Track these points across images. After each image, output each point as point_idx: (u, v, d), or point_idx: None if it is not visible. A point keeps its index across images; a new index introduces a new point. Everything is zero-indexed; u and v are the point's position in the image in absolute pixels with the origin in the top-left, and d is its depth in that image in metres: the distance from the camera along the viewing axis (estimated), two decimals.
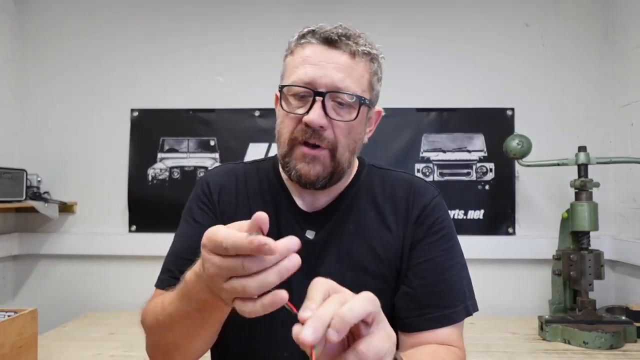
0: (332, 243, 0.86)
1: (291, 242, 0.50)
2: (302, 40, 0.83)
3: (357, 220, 0.88)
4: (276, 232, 0.87)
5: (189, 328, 0.68)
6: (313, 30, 0.83)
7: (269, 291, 0.49)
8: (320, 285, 0.51)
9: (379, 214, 0.89)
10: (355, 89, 0.80)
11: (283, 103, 0.83)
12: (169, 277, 0.85)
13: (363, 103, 0.82)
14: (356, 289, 0.74)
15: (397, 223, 0.88)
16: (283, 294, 0.49)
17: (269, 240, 0.47)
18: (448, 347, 0.81)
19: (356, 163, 0.93)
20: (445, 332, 0.82)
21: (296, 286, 0.83)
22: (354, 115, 0.81)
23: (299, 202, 0.90)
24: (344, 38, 0.81)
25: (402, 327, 0.84)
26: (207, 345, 0.75)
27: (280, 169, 0.92)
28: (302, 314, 0.46)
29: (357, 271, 0.85)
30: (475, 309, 0.87)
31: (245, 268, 0.48)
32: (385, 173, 0.95)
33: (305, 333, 0.44)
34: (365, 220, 0.89)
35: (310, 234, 0.87)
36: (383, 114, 0.94)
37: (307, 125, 0.79)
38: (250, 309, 0.50)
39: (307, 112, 0.79)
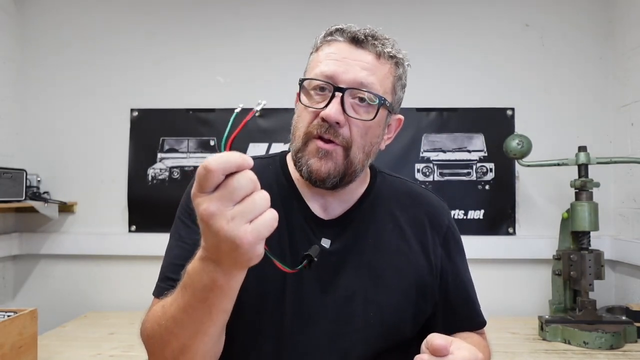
0: (349, 254, 0.83)
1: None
2: (329, 38, 0.83)
3: (376, 232, 0.86)
4: (288, 239, 0.83)
5: (194, 324, 0.64)
6: (341, 29, 0.82)
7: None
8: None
9: (397, 226, 0.88)
10: (377, 89, 0.79)
11: (303, 96, 0.81)
12: (169, 285, 0.78)
13: (383, 104, 0.80)
14: (375, 303, 0.74)
15: (417, 238, 0.88)
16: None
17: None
18: (484, 341, 0.93)
19: (368, 170, 0.91)
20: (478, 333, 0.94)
21: (310, 295, 0.82)
22: (372, 115, 0.79)
23: (313, 208, 0.86)
24: (370, 38, 0.80)
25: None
26: (215, 344, 0.70)
27: (291, 170, 0.88)
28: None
29: (377, 285, 0.83)
30: None
31: (235, 181, 0.50)
32: (398, 183, 0.94)
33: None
34: (384, 232, 0.87)
35: (325, 243, 0.83)
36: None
37: (323, 119, 0.77)
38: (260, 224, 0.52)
39: (326, 106, 0.77)
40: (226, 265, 0.56)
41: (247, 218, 0.51)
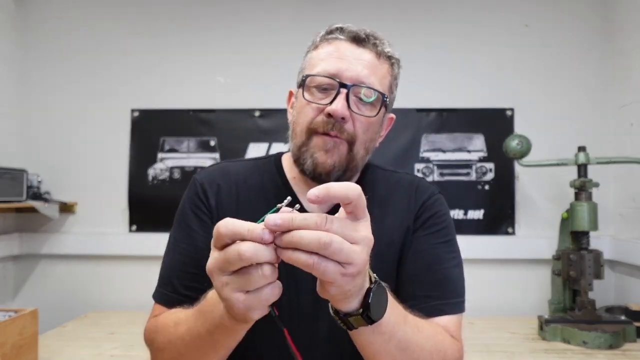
0: None
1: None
2: (329, 36, 0.84)
3: None
4: None
5: (199, 351, 0.65)
6: (341, 28, 0.83)
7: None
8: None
9: (381, 212, 0.87)
10: (377, 87, 0.81)
11: (305, 93, 0.81)
12: (170, 292, 0.81)
13: (384, 102, 0.82)
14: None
15: (401, 220, 0.87)
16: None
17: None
18: (444, 332, 0.78)
19: None
20: (442, 321, 0.79)
21: (305, 293, 0.82)
22: (376, 111, 0.81)
23: (307, 207, 0.85)
24: (371, 38, 0.82)
25: None
26: None
27: (286, 170, 0.89)
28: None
29: None
30: (464, 308, 0.84)
31: (240, 253, 0.48)
32: (389, 174, 0.95)
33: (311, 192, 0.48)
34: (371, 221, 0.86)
35: None
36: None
37: (329, 115, 0.78)
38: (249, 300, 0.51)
39: (331, 102, 0.78)
40: (237, 320, 0.56)
41: (240, 288, 0.50)
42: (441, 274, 0.83)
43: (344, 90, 0.78)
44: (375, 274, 0.59)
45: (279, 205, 0.53)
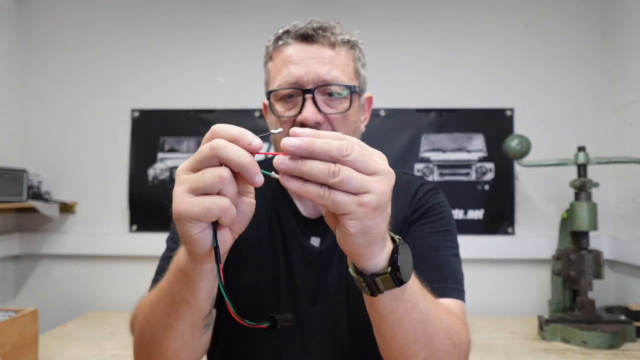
0: (339, 251, 0.82)
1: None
2: (279, 43, 0.83)
3: None
4: (281, 239, 0.84)
5: (161, 313, 0.63)
6: (287, 31, 0.82)
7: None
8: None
9: None
10: (342, 79, 0.80)
11: (274, 108, 0.81)
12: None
13: (353, 91, 0.80)
14: (362, 300, 0.74)
15: (398, 213, 0.84)
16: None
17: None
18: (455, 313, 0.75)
19: None
20: (445, 303, 0.75)
21: (304, 297, 0.82)
22: (347, 105, 0.80)
23: (300, 207, 0.86)
24: (320, 31, 0.81)
25: None
26: (187, 344, 0.66)
27: None
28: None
29: None
30: (465, 299, 0.81)
31: (213, 145, 0.48)
32: None
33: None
34: None
35: (315, 241, 0.84)
36: (373, 99, 0.93)
37: (302, 124, 0.76)
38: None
39: (300, 112, 0.77)
40: (183, 242, 0.54)
41: (192, 189, 0.48)
42: (439, 261, 0.80)
43: (309, 96, 0.77)
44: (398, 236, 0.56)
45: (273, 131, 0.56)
